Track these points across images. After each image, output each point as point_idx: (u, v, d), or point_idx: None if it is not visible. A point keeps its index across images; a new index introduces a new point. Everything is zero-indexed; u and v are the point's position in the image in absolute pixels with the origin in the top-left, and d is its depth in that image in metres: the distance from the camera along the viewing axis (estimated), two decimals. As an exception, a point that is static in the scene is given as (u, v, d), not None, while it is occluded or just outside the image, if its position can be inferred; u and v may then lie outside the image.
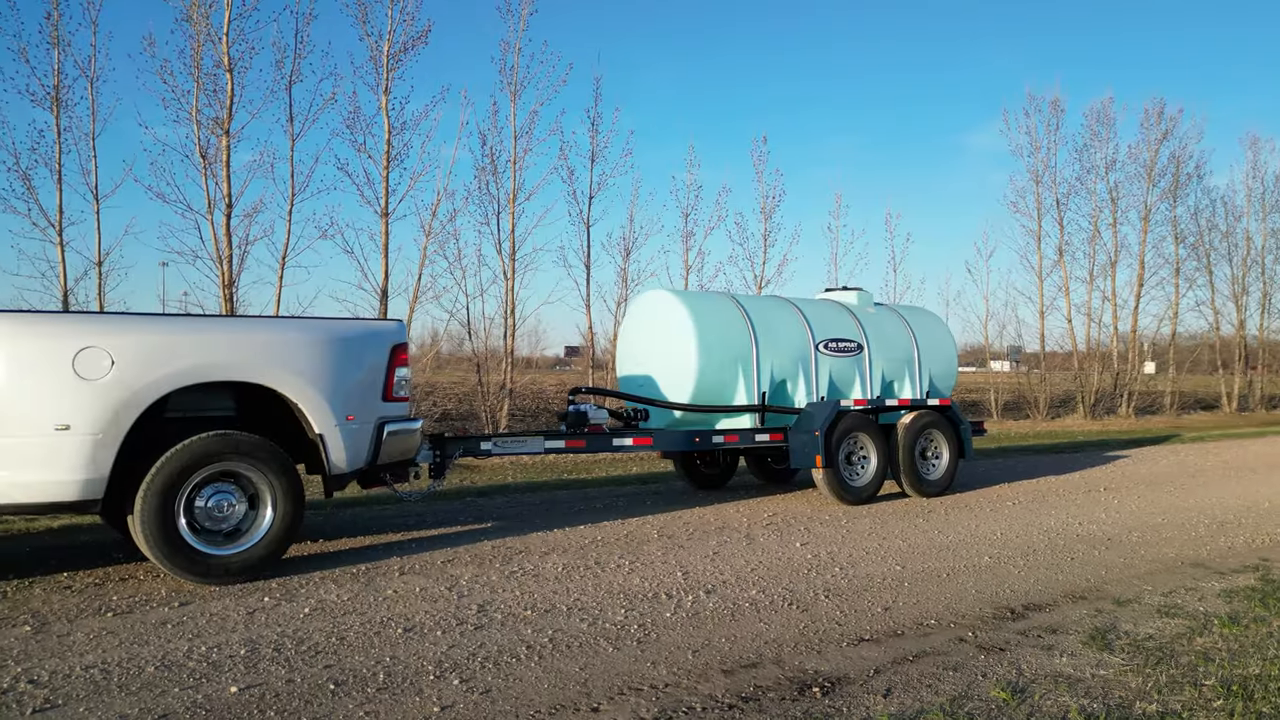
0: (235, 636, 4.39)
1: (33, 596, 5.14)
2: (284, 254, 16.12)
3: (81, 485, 5.04)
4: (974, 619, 4.85)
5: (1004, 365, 31.28)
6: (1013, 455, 15.43)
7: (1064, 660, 4.17)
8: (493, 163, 18.06)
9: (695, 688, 3.78)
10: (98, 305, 15.48)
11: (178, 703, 3.54)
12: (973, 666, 4.08)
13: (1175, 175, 27.56)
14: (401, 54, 16.63)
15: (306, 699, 3.59)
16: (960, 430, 9.67)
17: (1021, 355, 29.46)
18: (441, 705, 3.54)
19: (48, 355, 5.01)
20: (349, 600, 5.07)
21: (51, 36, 14.56)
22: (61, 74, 14.60)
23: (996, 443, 18.47)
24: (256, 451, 5.52)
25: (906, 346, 10.06)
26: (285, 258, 16.15)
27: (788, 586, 5.49)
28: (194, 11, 15.10)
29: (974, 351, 31.49)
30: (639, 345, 9.33)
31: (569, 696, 3.65)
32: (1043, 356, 27.46)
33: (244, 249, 15.85)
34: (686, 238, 20.71)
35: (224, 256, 15.43)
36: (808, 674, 3.96)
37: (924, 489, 9.28)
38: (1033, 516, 8.20)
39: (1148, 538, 7.23)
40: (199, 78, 15.18)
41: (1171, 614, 4.98)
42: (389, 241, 16.70)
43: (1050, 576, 5.84)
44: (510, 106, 18.13)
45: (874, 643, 4.42)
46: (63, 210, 14.75)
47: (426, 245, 17.37)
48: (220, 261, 15.42)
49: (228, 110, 15.28)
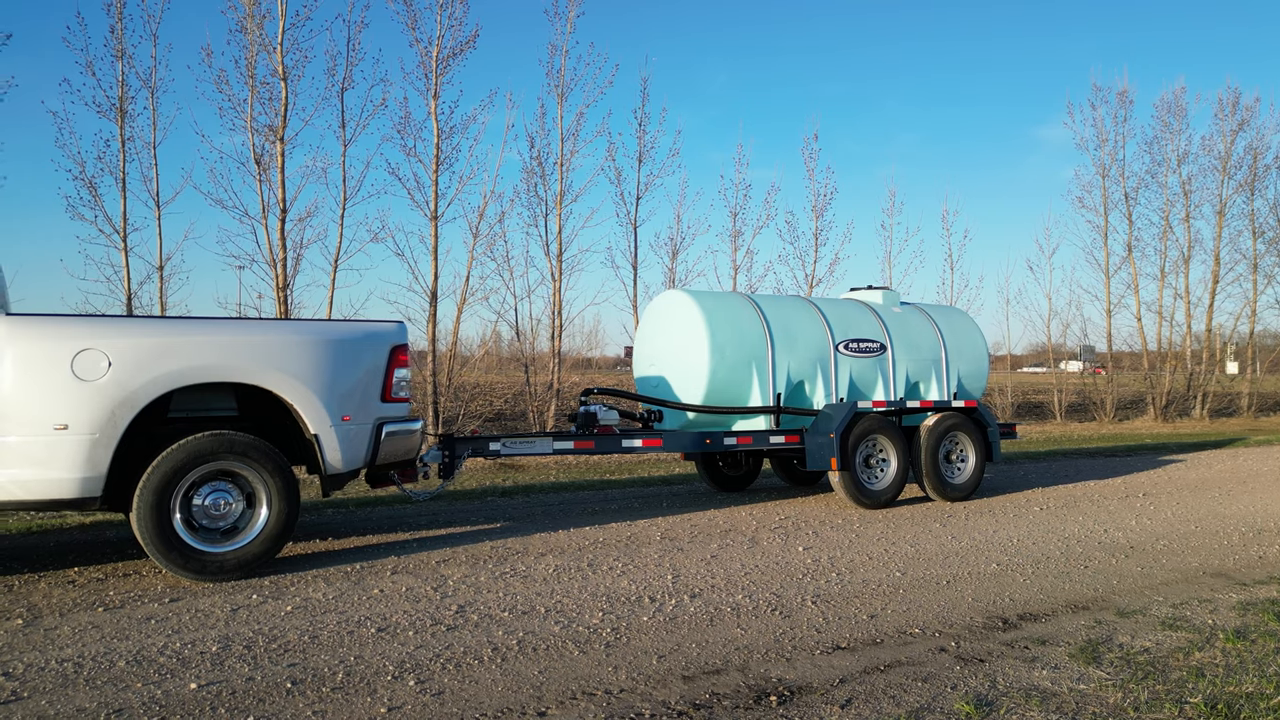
0: (213, 633, 4.47)
1: (36, 590, 5.31)
2: (336, 257, 16.53)
3: (79, 483, 5.19)
4: (962, 628, 4.69)
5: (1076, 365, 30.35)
6: (1060, 458, 14.96)
7: (1044, 673, 4.00)
8: (540, 165, 18.24)
9: (650, 694, 3.71)
10: (159, 309, 16.04)
11: (137, 698, 3.61)
12: (945, 678, 3.93)
13: (1252, 167, 26.40)
14: (450, 59, 16.92)
15: (260, 697, 3.63)
16: (988, 433, 9.40)
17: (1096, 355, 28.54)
18: (390, 707, 3.54)
19: (48, 357, 5.17)
20: (333, 599, 5.12)
21: (115, 50, 15.17)
22: (125, 85, 15.22)
23: (1051, 445, 17.96)
24: (251, 451, 5.62)
25: (933, 347, 9.80)
26: (337, 261, 16.57)
27: (776, 592, 5.38)
28: (248, 22, 15.56)
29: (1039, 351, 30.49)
30: (654, 346, 9.27)
31: (519, 700, 3.62)
32: (1110, 356, 26.61)
33: (298, 252, 16.27)
34: (735, 237, 20.63)
35: (278, 260, 15.85)
36: (770, 682, 3.86)
37: (948, 493, 9.03)
38: (1056, 522, 7.92)
39: (1173, 546, 6.92)
40: (254, 86, 15.67)
41: (1176, 627, 4.74)
42: (438, 244, 17.03)
43: (1056, 585, 5.62)
44: (557, 109, 18.29)
45: (849, 651, 4.30)
46: (126, 217, 15.36)
47: (474, 247, 17.63)
48: (275, 265, 15.84)
49: (282, 117, 15.70)
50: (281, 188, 15.75)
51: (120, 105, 15.20)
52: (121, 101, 15.22)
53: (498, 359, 24.15)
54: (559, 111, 18.24)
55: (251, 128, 15.63)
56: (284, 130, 15.73)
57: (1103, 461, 14.28)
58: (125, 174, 15.28)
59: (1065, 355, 29.19)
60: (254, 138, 15.62)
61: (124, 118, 15.26)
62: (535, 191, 18.22)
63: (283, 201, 15.77)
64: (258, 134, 15.68)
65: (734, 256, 20.66)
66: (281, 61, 15.55)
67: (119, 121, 15.23)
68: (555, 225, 18.18)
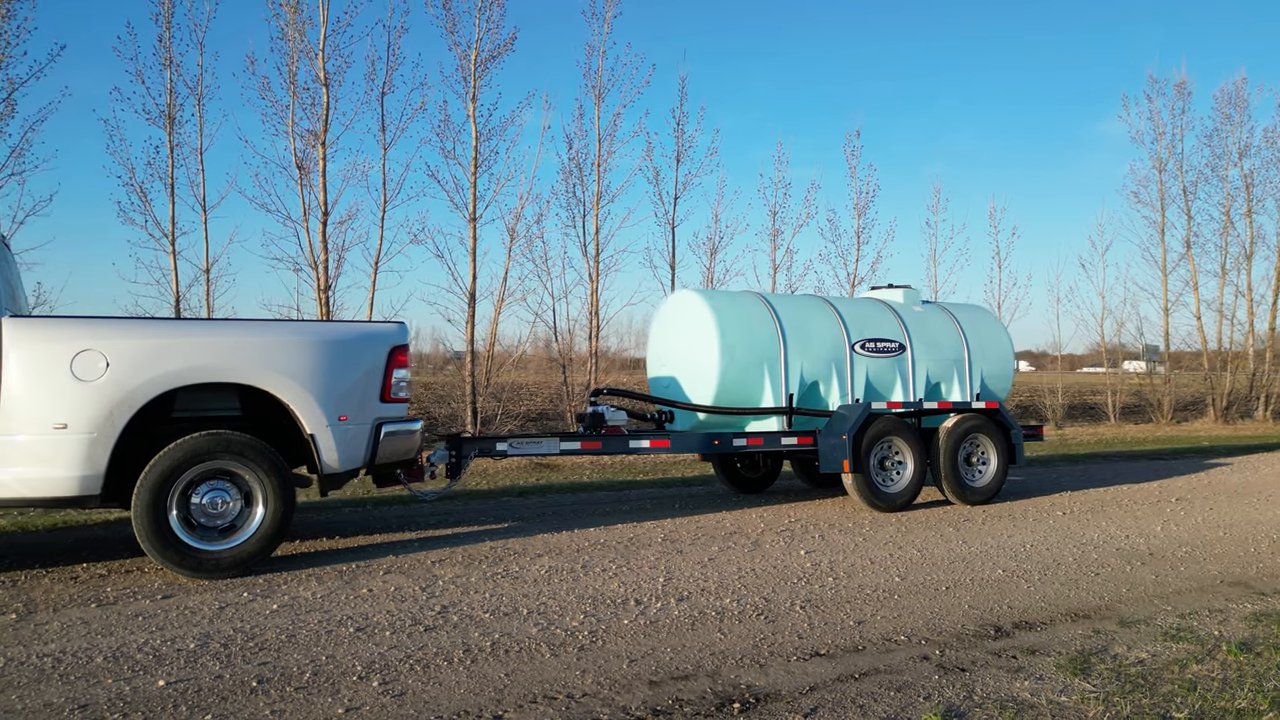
0: (195, 630, 4.52)
1: (39, 586, 5.43)
2: (377, 259, 16.79)
3: (78, 481, 5.30)
4: (951, 636, 4.55)
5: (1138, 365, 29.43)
6: (1101, 461, 14.55)
7: (1025, 684, 3.85)
8: (578, 167, 18.31)
9: (612, 699, 3.66)
10: (206, 311, 16.42)
11: (105, 694, 3.65)
12: (919, 687, 3.81)
13: (1320, 159, 25.38)
14: (488, 61, 17.07)
15: (223, 695, 3.65)
16: (1011, 435, 9.15)
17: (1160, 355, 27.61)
18: (347, 707, 3.53)
19: (49, 357, 5.29)
20: (321, 598, 5.16)
21: (164, 58, 15.60)
22: (174, 93, 15.62)
23: (1101, 447, 17.47)
24: (246, 450, 5.69)
25: (955, 346, 9.58)
26: (378, 262, 16.82)
27: (767, 596, 5.28)
28: (290, 30, 15.86)
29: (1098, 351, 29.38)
30: (665, 346, 9.20)
31: (479, 703, 3.59)
32: (1167, 355, 25.80)
33: (339, 254, 16.56)
34: (774, 236, 20.52)
35: (320, 262, 16.13)
36: (738, 689, 3.78)
37: (968, 496, 8.81)
38: (1077, 527, 7.67)
39: (1195, 553, 6.65)
40: (295, 92, 15.95)
41: (1179, 637, 4.55)
42: (476, 245, 17.18)
43: (1061, 593, 5.43)
44: (595, 110, 18.36)
45: (827, 658, 4.19)
46: (175, 221, 15.76)
47: (511, 248, 17.76)
48: (316, 267, 16.12)
49: (324, 122, 15.98)
50: (323, 191, 16.04)
51: (169, 112, 15.61)
52: (170, 109, 15.63)
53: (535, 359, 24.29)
54: (596, 112, 18.32)
55: (293, 132, 15.94)
56: (325, 135, 16.02)
57: (1145, 464, 13.84)
58: (174, 179, 15.72)
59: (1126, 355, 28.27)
60: (295, 142, 15.94)
61: (172, 124, 15.68)
62: (574, 193, 18.32)
63: (324, 205, 16.05)
64: (299, 138, 15.99)
65: (773, 255, 20.55)
66: (323, 68, 15.83)
67: (168, 128, 15.64)
68: (593, 226, 18.26)
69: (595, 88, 18.31)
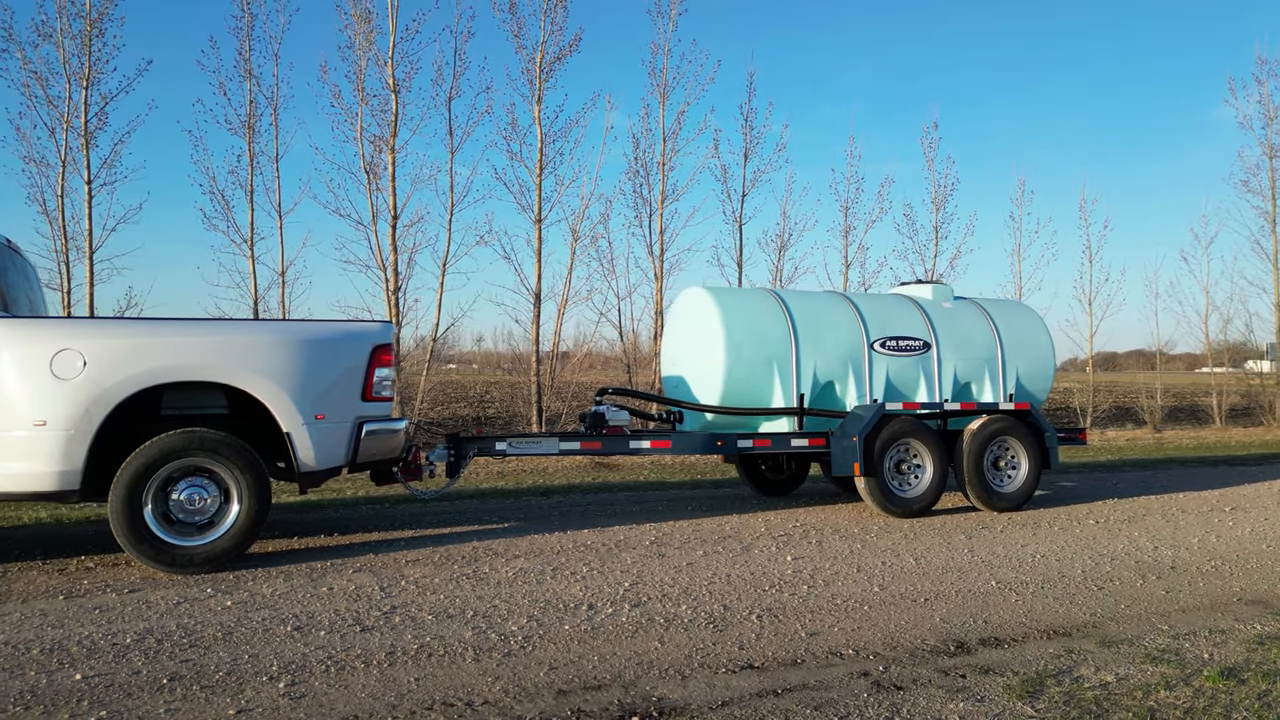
0: (139, 625, 4.58)
1: (23, 578, 5.61)
2: (444, 260, 17.08)
3: (57, 477, 5.46)
4: (905, 651, 4.26)
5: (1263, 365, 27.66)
6: (1173, 466, 13.73)
7: (960, 706, 3.56)
8: (644, 167, 18.28)
9: (510, 708, 3.53)
10: (282, 313, 16.98)
11: (19, 685, 3.71)
12: (844, 705, 3.56)
13: None
14: (554, 64, 17.22)
15: (129, 692, 3.66)
16: (1044, 438, 8.63)
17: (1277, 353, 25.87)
18: (239, 709, 3.49)
19: (30, 357, 5.46)
20: (278, 595, 5.17)
21: (244, 70, 16.21)
22: (253, 104, 16.21)
23: (1192, 451, 16.47)
24: (221, 448, 5.76)
25: (987, 344, 9.10)
26: (446, 264, 17.11)
27: (727, 604, 5.06)
28: (359, 38, 16.27)
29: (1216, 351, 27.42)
30: (676, 345, 9.01)
31: (374, 708, 3.51)
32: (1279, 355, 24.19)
33: (409, 256, 16.93)
34: (846, 232, 20.07)
35: (389, 264, 16.49)
36: (648, 701, 3.60)
37: (994, 502, 8.35)
38: (1105, 537, 7.17)
39: (1224, 568, 6.12)
40: (364, 98, 16.35)
41: (1160, 660, 4.15)
42: (541, 246, 17.33)
43: (1050, 608, 5.05)
44: (660, 109, 18.31)
45: (758, 671, 3.97)
46: (254, 226, 16.35)
47: (575, 248, 17.84)
48: (385, 269, 16.50)
49: (393, 128, 16.34)
50: (392, 194, 16.39)
51: (249, 123, 16.20)
52: (250, 118, 16.23)
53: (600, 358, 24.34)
54: (661, 112, 18.28)
55: (362, 138, 16.34)
56: (394, 140, 16.37)
57: (1221, 470, 12.97)
58: (252, 186, 16.30)
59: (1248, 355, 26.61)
60: (364, 147, 16.33)
61: (251, 134, 16.27)
62: (640, 193, 18.29)
63: (393, 208, 16.40)
64: (368, 144, 16.38)
65: (845, 252, 20.13)
66: (392, 75, 16.17)
67: (248, 138, 16.23)
68: (658, 225, 18.20)
69: (660, 86, 18.25)
